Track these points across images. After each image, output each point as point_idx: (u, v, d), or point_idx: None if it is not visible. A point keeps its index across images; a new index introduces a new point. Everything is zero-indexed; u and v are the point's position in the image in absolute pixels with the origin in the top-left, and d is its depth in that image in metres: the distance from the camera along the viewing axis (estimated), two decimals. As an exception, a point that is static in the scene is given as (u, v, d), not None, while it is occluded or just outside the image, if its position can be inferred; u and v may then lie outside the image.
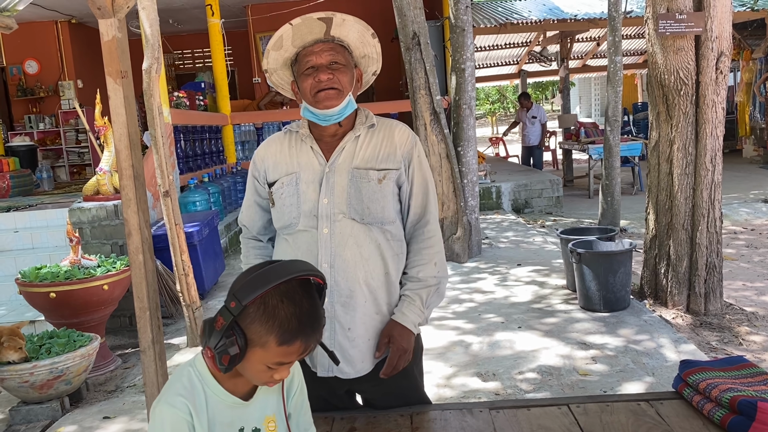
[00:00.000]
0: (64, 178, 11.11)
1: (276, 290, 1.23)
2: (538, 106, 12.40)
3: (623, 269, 4.54)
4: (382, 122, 1.85)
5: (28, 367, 3.46)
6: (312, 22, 1.69)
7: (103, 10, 2.22)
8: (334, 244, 1.74)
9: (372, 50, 1.82)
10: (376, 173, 1.76)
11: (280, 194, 1.79)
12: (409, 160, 1.82)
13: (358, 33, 1.76)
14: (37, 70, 11.48)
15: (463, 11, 6.28)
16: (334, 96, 1.71)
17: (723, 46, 4.37)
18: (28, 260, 5.34)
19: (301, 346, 1.25)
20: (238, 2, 11.30)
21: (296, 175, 1.78)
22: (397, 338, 1.76)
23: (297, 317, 1.24)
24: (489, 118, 34.95)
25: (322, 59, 1.71)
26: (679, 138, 4.48)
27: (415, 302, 1.80)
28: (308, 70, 1.72)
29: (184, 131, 8.02)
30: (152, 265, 2.42)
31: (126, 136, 2.31)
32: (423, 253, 1.82)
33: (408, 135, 1.84)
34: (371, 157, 1.78)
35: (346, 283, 1.74)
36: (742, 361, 1.89)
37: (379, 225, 1.77)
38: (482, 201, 8.94)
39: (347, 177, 1.75)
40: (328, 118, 1.75)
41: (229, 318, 1.22)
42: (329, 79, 1.70)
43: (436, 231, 1.85)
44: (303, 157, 1.79)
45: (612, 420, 1.70)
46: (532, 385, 3.49)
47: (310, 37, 1.72)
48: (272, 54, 1.75)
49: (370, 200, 1.74)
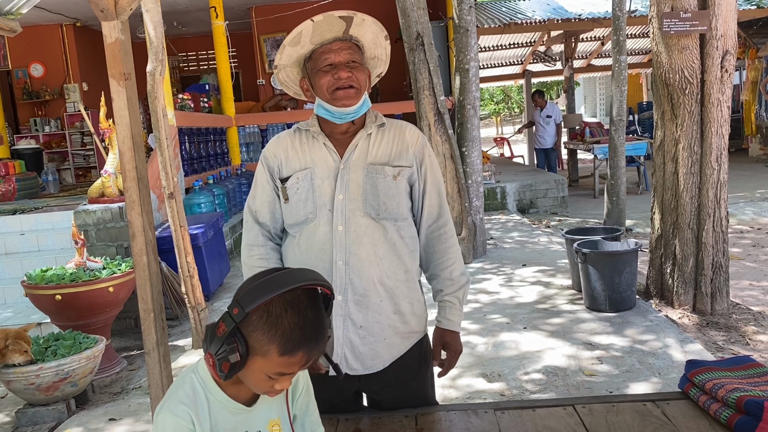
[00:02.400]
0: (69, 180, 11.15)
1: (281, 299, 1.22)
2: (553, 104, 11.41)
3: (629, 269, 4.52)
4: (391, 122, 1.86)
5: (34, 370, 3.47)
6: (333, 20, 1.69)
7: (106, 12, 2.23)
8: (349, 242, 1.74)
9: (382, 52, 1.84)
10: (391, 169, 1.78)
11: (296, 189, 1.78)
12: (420, 159, 1.84)
13: (373, 34, 1.77)
14: (43, 73, 11.53)
15: (467, 11, 6.27)
16: (353, 95, 1.72)
17: (728, 45, 4.35)
18: (34, 263, 5.37)
19: (303, 357, 1.23)
20: (242, 4, 11.32)
21: (311, 171, 1.78)
22: (451, 344, 1.89)
23: (300, 328, 1.22)
24: (493, 119, 34.91)
25: (341, 57, 1.71)
26: (684, 137, 4.46)
27: (455, 305, 1.89)
28: (326, 68, 1.72)
29: (189, 133, 8.04)
30: (156, 266, 2.43)
31: (129, 138, 2.31)
32: (449, 253, 1.87)
33: (418, 135, 1.86)
34: (385, 154, 1.79)
35: (360, 282, 1.74)
36: (749, 360, 1.88)
37: (393, 221, 1.77)
38: (487, 201, 8.93)
39: (363, 173, 1.76)
40: (345, 117, 1.75)
41: (231, 325, 1.21)
42: (349, 77, 1.71)
43: (453, 228, 1.91)
44: (316, 154, 1.79)
45: (618, 420, 1.69)
46: (537, 385, 3.48)
47: (330, 35, 1.72)
48: (288, 50, 1.75)
49: (386, 196, 1.76)
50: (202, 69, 14.47)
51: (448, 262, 1.87)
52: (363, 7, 9.75)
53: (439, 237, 1.87)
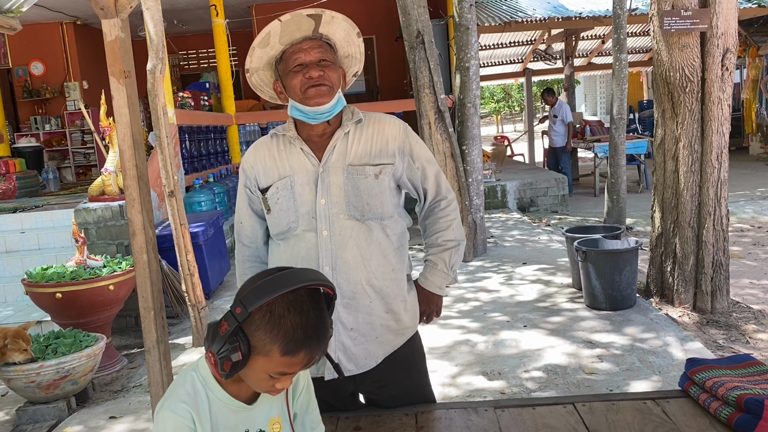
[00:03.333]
0: (70, 179, 11.15)
1: (284, 299, 1.21)
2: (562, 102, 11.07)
3: (629, 267, 4.52)
4: (369, 117, 1.82)
5: (34, 368, 3.47)
6: (301, 19, 1.67)
7: (106, 10, 2.23)
8: (335, 246, 1.72)
9: (356, 50, 1.80)
10: (372, 168, 1.75)
11: (276, 199, 1.76)
12: (407, 150, 1.82)
13: (344, 32, 1.74)
14: (43, 71, 11.52)
15: (468, 9, 6.27)
16: (325, 93, 1.68)
17: (729, 43, 4.34)
18: (34, 261, 5.37)
19: (305, 357, 1.24)
20: (242, 2, 11.31)
21: (290, 179, 1.75)
22: (425, 303, 1.89)
23: (303, 328, 1.22)
24: (494, 117, 34.90)
25: (311, 56, 1.68)
26: (684, 135, 4.45)
27: (438, 265, 1.88)
28: (297, 68, 1.69)
29: (189, 131, 8.03)
30: (156, 264, 2.43)
31: (130, 136, 2.31)
32: (440, 222, 1.89)
33: (399, 128, 1.82)
34: (364, 153, 1.76)
35: (348, 285, 1.73)
36: (749, 359, 1.88)
37: (378, 221, 1.76)
38: (487, 200, 8.92)
39: (343, 175, 1.73)
40: (319, 116, 1.72)
41: (234, 324, 1.21)
42: (320, 76, 1.67)
43: (451, 201, 1.90)
44: (294, 160, 1.76)
45: (618, 419, 1.69)
46: (537, 383, 3.48)
47: (299, 34, 1.69)
48: (257, 52, 1.72)
49: (369, 196, 1.73)
50: (203, 67, 14.46)
51: (437, 229, 1.89)
52: (363, 5, 9.73)
53: (432, 209, 1.90)
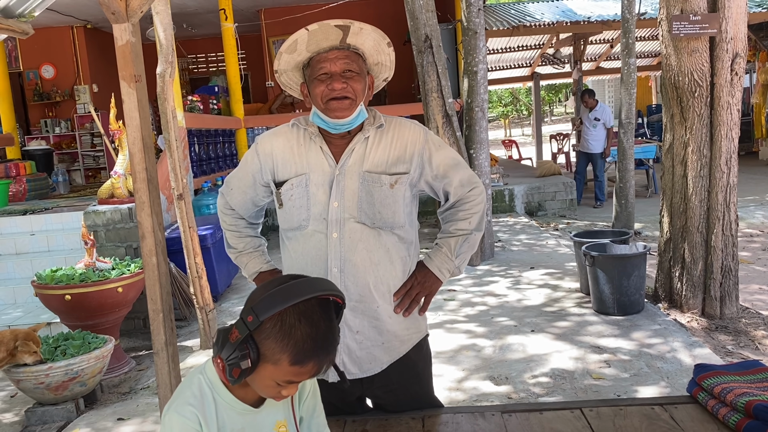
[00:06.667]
0: (79, 181, 11.21)
1: (295, 309, 1.22)
2: (604, 105, 10.59)
3: (637, 272, 4.50)
4: (390, 122, 1.81)
5: (43, 369, 3.50)
6: (329, 29, 1.66)
7: (117, 14, 2.24)
8: (344, 249, 1.73)
9: (386, 58, 1.80)
10: (388, 178, 1.74)
11: (290, 196, 1.76)
12: (426, 157, 1.79)
13: (373, 41, 1.74)
14: (53, 74, 11.60)
15: (476, 14, 6.27)
16: (347, 106, 1.69)
17: (738, 48, 4.33)
18: (44, 263, 5.41)
19: (313, 367, 1.24)
20: (251, 6, 11.36)
21: (306, 177, 1.75)
22: (417, 276, 1.82)
23: (313, 339, 1.22)
24: (502, 121, 34.88)
25: (337, 67, 1.68)
26: (693, 140, 4.44)
27: (442, 249, 1.85)
28: (321, 76, 1.69)
29: (198, 135, 8.07)
30: (165, 267, 2.44)
31: (140, 139, 2.32)
32: (459, 214, 1.86)
33: (418, 133, 1.81)
34: (382, 160, 1.75)
35: (355, 288, 1.73)
36: (758, 365, 1.87)
37: (389, 229, 1.76)
38: (495, 204, 8.92)
39: (358, 181, 1.73)
40: (339, 128, 1.73)
41: (245, 332, 1.21)
42: (343, 88, 1.67)
43: (478, 194, 1.86)
44: (312, 158, 1.77)
45: (625, 424, 1.69)
46: (544, 388, 3.47)
47: (326, 44, 1.69)
48: (285, 56, 1.73)
49: (381, 205, 1.73)
50: (212, 71, 14.52)
51: (455, 219, 1.86)
52: (371, 10, 9.79)
53: (458, 202, 1.86)
